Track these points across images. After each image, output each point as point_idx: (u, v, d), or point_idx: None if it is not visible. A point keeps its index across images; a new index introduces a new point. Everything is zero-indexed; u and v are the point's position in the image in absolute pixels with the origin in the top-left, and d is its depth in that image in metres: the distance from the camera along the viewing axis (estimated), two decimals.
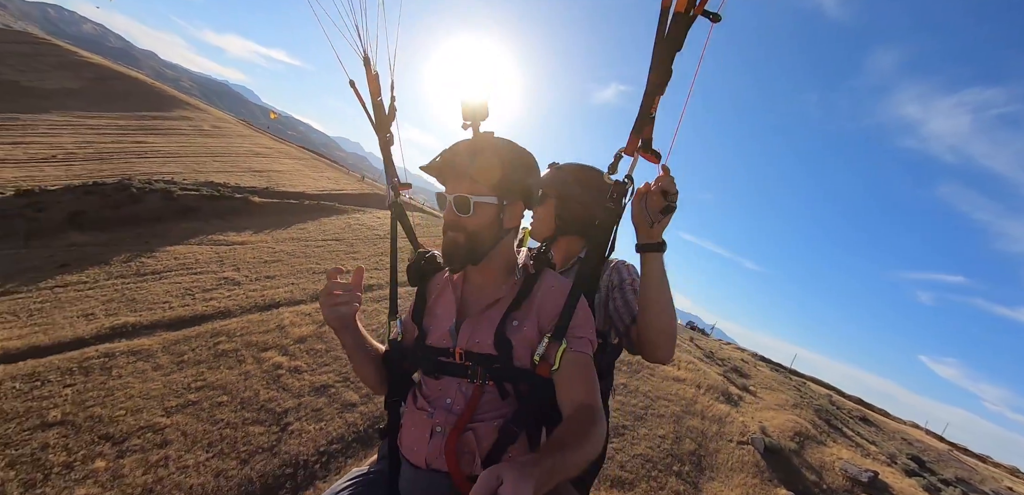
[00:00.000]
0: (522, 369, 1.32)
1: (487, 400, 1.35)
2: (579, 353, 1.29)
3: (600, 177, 1.99)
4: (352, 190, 23.22)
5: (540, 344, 1.31)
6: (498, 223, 1.41)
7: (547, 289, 1.42)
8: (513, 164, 1.38)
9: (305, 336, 8.20)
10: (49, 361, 6.59)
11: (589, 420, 1.09)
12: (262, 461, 5.38)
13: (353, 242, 14.46)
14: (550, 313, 1.36)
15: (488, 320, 1.40)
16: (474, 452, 1.30)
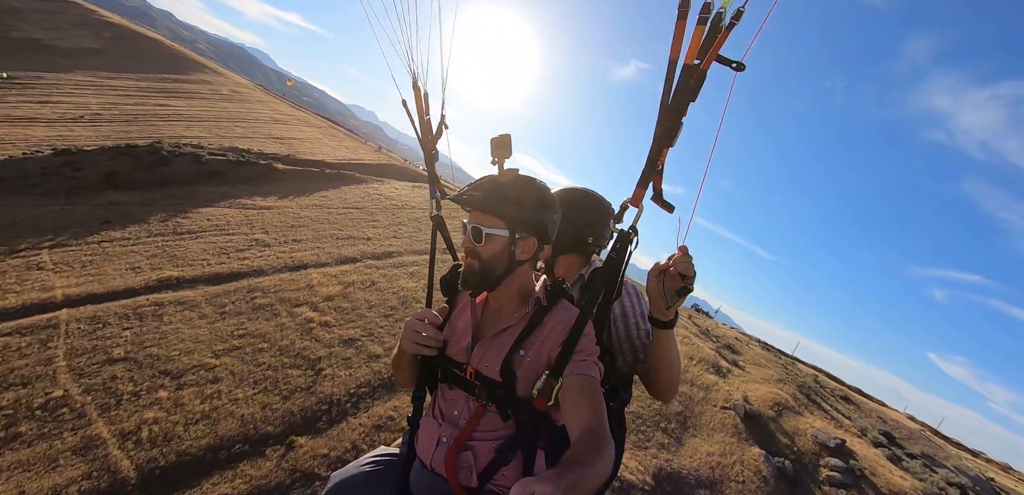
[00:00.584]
0: (523, 398, 1.38)
1: (488, 420, 1.42)
2: (585, 377, 1.31)
3: (586, 196, 2.05)
4: (370, 160, 23.76)
5: (539, 380, 1.35)
6: (509, 254, 1.46)
7: (556, 322, 1.46)
8: (527, 200, 1.43)
9: (332, 295, 8.86)
10: (106, 307, 7.31)
11: (599, 441, 1.11)
12: (301, 398, 6.07)
13: (373, 211, 15.06)
14: (555, 346, 1.40)
15: (498, 346, 1.46)
16: (471, 467, 1.38)
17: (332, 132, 30.98)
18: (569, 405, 1.26)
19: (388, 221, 14.36)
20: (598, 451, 1.06)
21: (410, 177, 23.70)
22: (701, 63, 1.31)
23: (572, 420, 1.23)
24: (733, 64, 1.30)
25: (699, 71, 1.30)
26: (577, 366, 1.33)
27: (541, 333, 1.44)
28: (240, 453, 5.13)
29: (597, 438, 1.12)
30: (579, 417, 1.21)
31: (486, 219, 1.44)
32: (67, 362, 6.01)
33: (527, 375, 1.39)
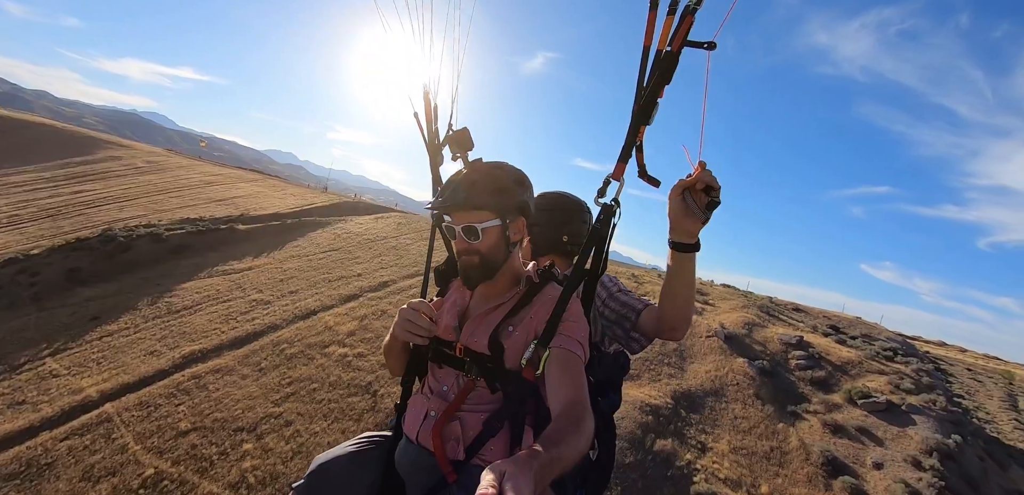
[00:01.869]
0: (511, 371, 1.39)
1: (477, 394, 1.43)
2: (567, 352, 1.32)
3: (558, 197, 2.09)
4: (322, 203, 23.70)
5: (528, 349, 1.37)
6: (505, 240, 1.48)
7: (545, 299, 1.48)
8: (506, 184, 1.46)
9: (353, 330, 9.48)
10: (148, 391, 7.55)
11: (578, 416, 1.11)
12: (371, 417, 6.81)
13: (350, 249, 15.48)
14: (541, 321, 1.42)
15: (487, 322, 1.48)
16: (458, 438, 1.38)
17: (271, 183, 30.29)
18: (551, 379, 1.27)
19: (369, 256, 14.88)
20: (575, 428, 1.05)
21: (367, 210, 23.97)
22: (672, 48, 1.37)
23: (554, 394, 1.23)
24: (704, 45, 1.36)
25: (670, 56, 1.36)
26: (561, 339, 1.34)
27: (530, 310, 1.45)
28: None
29: (576, 413, 1.11)
30: (559, 391, 1.21)
31: (475, 215, 1.45)
32: (141, 445, 6.36)
33: (515, 348, 1.39)
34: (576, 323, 1.40)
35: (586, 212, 2.12)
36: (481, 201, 1.42)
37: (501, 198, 1.44)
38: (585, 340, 1.38)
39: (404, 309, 1.45)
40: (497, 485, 0.75)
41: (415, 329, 1.41)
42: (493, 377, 1.39)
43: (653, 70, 1.40)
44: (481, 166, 1.51)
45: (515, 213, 1.49)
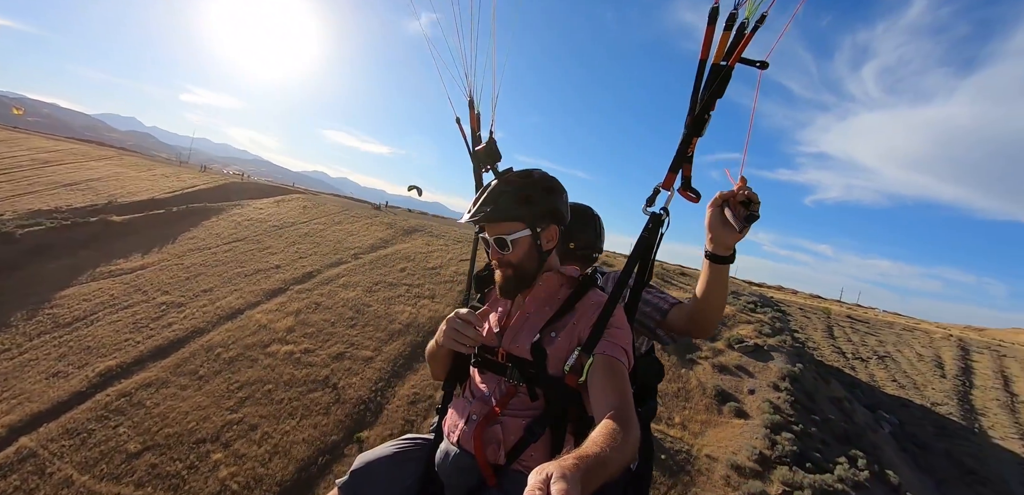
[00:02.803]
0: (554, 377, 1.34)
1: (519, 400, 1.38)
2: (612, 359, 1.27)
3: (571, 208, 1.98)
4: (205, 185, 21.32)
5: (571, 356, 1.32)
6: (536, 249, 1.46)
7: (588, 305, 1.43)
8: (534, 192, 1.45)
9: (291, 327, 9.42)
10: (69, 418, 6.94)
11: (623, 424, 1.06)
12: (337, 409, 7.18)
13: (257, 238, 14.59)
14: (585, 328, 1.37)
15: (530, 328, 1.44)
16: (499, 442, 1.35)
17: (130, 161, 26.18)
18: (595, 386, 1.23)
19: (282, 245, 14.22)
20: (621, 436, 1.03)
21: (261, 192, 22.20)
22: (727, 63, 1.39)
23: (597, 401, 1.19)
24: (756, 63, 1.37)
25: (725, 71, 1.38)
26: (606, 346, 1.31)
27: (572, 317, 1.42)
28: (325, 462, 6.27)
29: (621, 420, 1.08)
30: (604, 398, 1.18)
31: (505, 227, 1.45)
32: (89, 474, 6.04)
33: (557, 354, 1.37)
34: (620, 330, 1.37)
35: (596, 221, 2.09)
36: (509, 212, 1.42)
37: (529, 208, 1.43)
38: (629, 347, 1.36)
39: (451, 318, 1.44)
40: (545, 488, 0.75)
41: (462, 339, 1.40)
42: (535, 383, 1.36)
43: (708, 83, 1.42)
44: (510, 176, 1.51)
45: (545, 221, 1.46)
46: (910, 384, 14.82)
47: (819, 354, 15.52)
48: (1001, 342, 21.64)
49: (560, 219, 1.50)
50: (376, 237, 15.53)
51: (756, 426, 7.64)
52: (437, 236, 16.12)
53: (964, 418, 12.60)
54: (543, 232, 1.45)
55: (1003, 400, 14.30)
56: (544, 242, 1.46)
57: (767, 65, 1.37)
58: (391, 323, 9.87)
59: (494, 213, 1.41)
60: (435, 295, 11.40)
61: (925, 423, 11.80)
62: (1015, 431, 12.22)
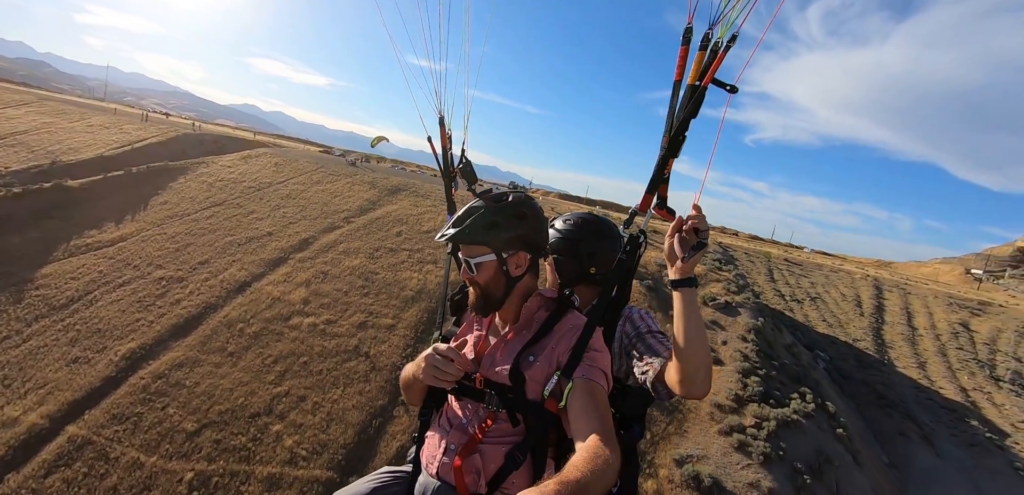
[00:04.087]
0: (533, 402, 1.32)
1: (499, 426, 1.36)
2: (592, 383, 1.27)
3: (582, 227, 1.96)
4: (156, 138, 19.85)
5: (550, 381, 1.31)
6: (503, 274, 1.43)
7: (565, 328, 1.42)
8: (502, 218, 1.41)
9: (306, 299, 9.76)
10: (111, 403, 7.16)
11: (603, 449, 1.07)
12: (376, 376, 7.85)
13: (237, 202, 14.24)
14: (564, 351, 1.35)
15: (507, 353, 1.41)
16: (480, 471, 1.32)
17: (55, 107, 23.56)
18: (574, 410, 1.23)
19: (266, 209, 14.01)
20: (600, 461, 1.03)
21: (218, 147, 20.98)
22: (701, 83, 1.41)
23: (577, 426, 1.19)
24: (727, 87, 1.41)
25: (699, 90, 1.41)
26: (585, 370, 1.29)
27: (551, 340, 1.39)
28: (379, 425, 7.03)
29: (601, 444, 1.08)
30: (584, 422, 1.18)
31: (473, 250, 1.42)
32: (157, 455, 6.45)
33: (536, 379, 1.33)
34: (600, 353, 1.37)
35: (615, 235, 1.96)
36: (475, 237, 1.41)
37: (495, 233, 1.41)
38: (608, 370, 1.36)
39: (430, 356, 1.40)
40: None
41: (443, 377, 1.37)
42: (514, 408, 1.35)
43: (683, 103, 1.44)
44: (485, 199, 1.48)
45: (513, 247, 1.43)
46: (836, 323, 17.45)
47: (764, 299, 17.72)
48: (907, 280, 25.41)
49: (531, 246, 1.46)
50: (362, 198, 15.57)
51: (730, 371, 9.15)
52: (423, 195, 16.39)
53: (877, 352, 15.23)
54: (510, 257, 1.43)
55: (906, 334, 17.25)
56: (511, 267, 1.43)
57: (736, 89, 1.42)
58: (402, 290, 10.42)
59: (460, 235, 1.42)
60: (437, 260, 11.96)
61: (849, 357, 14.22)
62: (914, 361, 14.99)
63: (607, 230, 1.91)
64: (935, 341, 17.13)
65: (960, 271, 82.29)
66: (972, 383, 13.94)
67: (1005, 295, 45.97)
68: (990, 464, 9.67)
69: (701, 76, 1.40)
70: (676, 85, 1.45)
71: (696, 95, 1.40)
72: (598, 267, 1.85)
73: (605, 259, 1.85)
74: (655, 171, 1.49)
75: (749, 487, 6.76)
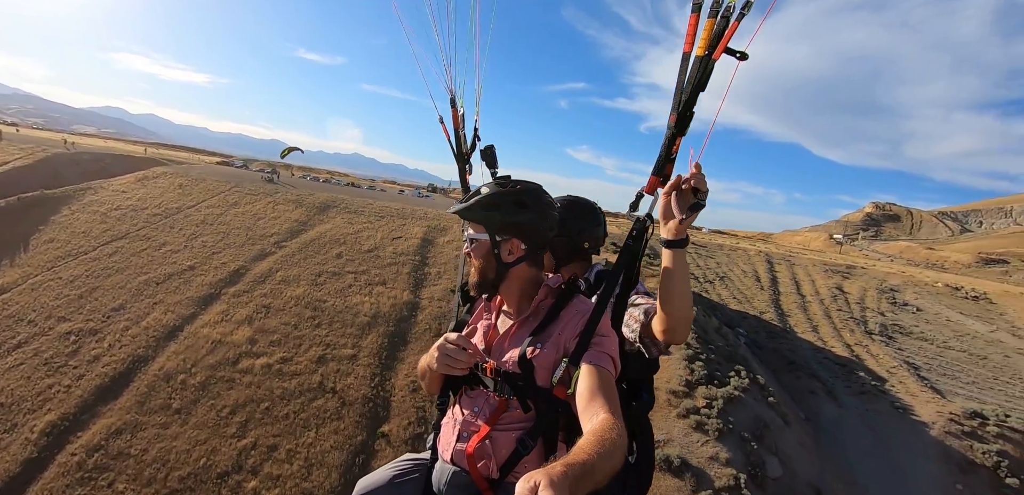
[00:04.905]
0: (542, 389, 1.34)
1: (510, 413, 1.37)
2: (599, 368, 1.26)
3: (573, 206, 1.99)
4: (23, 161, 16.79)
5: (558, 367, 1.31)
6: (494, 257, 1.43)
7: (572, 314, 1.41)
8: (501, 204, 1.42)
9: (250, 336, 9.09)
10: (41, 489, 6.19)
11: (610, 431, 1.05)
12: (349, 412, 7.63)
13: (143, 234, 12.66)
14: (571, 337, 1.35)
15: (515, 341, 1.42)
16: (491, 456, 1.34)
17: None
18: (582, 395, 1.21)
19: (179, 240, 12.63)
20: (608, 443, 1.03)
21: (100, 169, 18.35)
22: (712, 54, 1.34)
23: (585, 409, 1.18)
24: (737, 54, 1.33)
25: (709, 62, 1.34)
26: (592, 356, 1.29)
27: (557, 326, 1.39)
28: (363, 461, 6.89)
29: (608, 427, 1.08)
30: (592, 406, 1.17)
31: (473, 227, 1.45)
32: None
33: (545, 366, 1.33)
34: (606, 337, 1.36)
35: (600, 214, 2.05)
36: (474, 215, 1.44)
37: (491, 215, 1.43)
38: (616, 354, 1.35)
39: (442, 345, 1.44)
40: None
41: (455, 366, 1.42)
42: (524, 396, 1.36)
43: (691, 76, 1.38)
44: (497, 182, 1.52)
45: (507, 233, 1.44)
46: (744, 299, 19.77)
47: None
48: (789, 251, 29.25)
49: (527, 236, 1.46)
50: (290, 219, 14.61)
51: (678, 360, 10.11)
52: (356, 212, 15.76)
53: (780, 321, 17.58)
54: (503, 242, 1.44)
55: (798, 302, 20.06)
56: (503, 252, 1.44)
57: (747, 56, 1.36)
58: (356, 316, 10.07)
59: (463, 211, 1.45)
60: (387, 280, 11.67)
61: (759, 330, 16.28)
62: (808, 325, 17.54)
63: (590, 206, 2.02)
64: (820, 305, 20.09)
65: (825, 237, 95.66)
66: (853, 339, 16.65)
67: (863, 257, 54.46)
68: (877, 407, 11.74)
69: (710, 46, 1.33)
70: (684, 57, 1.40)
71: (706, 67, 1.35)
72: (590, 242, 1.94)
73: (595, 235, 1.96)
74: (662, 151, 1.44)
75: (710, 460, 7.63)
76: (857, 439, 10.78)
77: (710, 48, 1.31)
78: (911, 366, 14.74)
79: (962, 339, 19.83)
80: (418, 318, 10.53)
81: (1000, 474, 9.87)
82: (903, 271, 36.68)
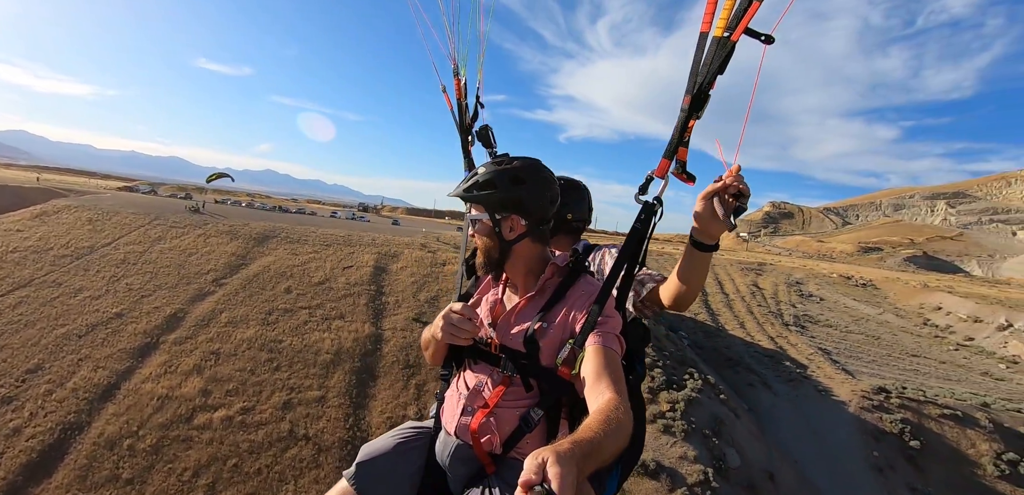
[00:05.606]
0: (546, 368, 1.36)
1: (513, 390, 1.39)
2: (606, 348, 1.28)
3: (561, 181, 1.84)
4: None
5: (564, 347, 1.33)
6: (496, 236, 1.44)
7: (579, 293, 1.43)
8: (498, 181, 1.44)
9: (202, 387, 8.41)
10: None
11: (614, 410, 1.08)
12: (326, 457, 7.33)
13: (50, 277, 11.16)
14: (577, 318, 1.36)
15: (521, 319, 1.45)
16: (494, 432, 1.37)
17: None
18: (589, 374, 1.24)
19: (98, 284, 11.31)
20: (616, 422, 1.05)
21: None
22: (731, 35, 1.28)
23: (591, 388, 1.21)
24: (762, 37, 1.28)
25: (729, 43, 1.29)
26: (598, 336, 1.30)
27: (564, 306, 1.41)
28: None
29: (615, 406, 1.10)
30: (598, 385, 1.19)
31: (474, 208, 1.49)
32: None
33: (550, 345, 1.36)
34: (611, 318, 1.38)
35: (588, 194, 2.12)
36: (474, 195, 1.46)
37: (489, 193, 1.44)
38: (620, 334, 1.37)
39: (447, 313, 1.46)
40: (540, 472, 0.78)
41: (459, 334, 1.42)
42: (528, 374, 1.38)
43: (709, 58, 1.32)
44: (495, 160, 1.53)
45: (506, 210, 1.45)
46: None
47: None
48: None
49: (527, 211, 1.46)
50: (226, 253, 13.56)
51: None
52: (299, 241, 14.99)
53: (712, 321, 19.18)
54: (503, 220, 1.45)
55: (723, 301, 21.99)
56: (504, 231, 1.46)
57: (772, 39, 1.29)
58: (317, 355, 9.62)
59: (464, 193, 1.48)
60: (344, 314, 11.25)
61: (697, 331, 17.65)
62: (736, 322, 19.30)
63: (574, 183, 2.08)
64: (743, 303, 22.15)
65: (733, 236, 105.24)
66: (774, 331, 18.57)
67: (767, 253, 60.36)
68: (804, 392, 13.25)
69: (730, 28, 1.28)
70: (702, 37, 1.33)
71: (727, 48, 1.29)
72: (573, 214, 1.98)
73: (579, 208, 2.02)
74: (674, 132, 1.39)
75: (680, 459, 8.23)
76: (791, 422, 12.12)
77: (730, 29, 1.27)
78: (824, 352, 16.77)
79: (859, 323, 22.85)
80: (384, 351, 10.26)
81: (905, 438, 11.58)
82: (805, 265, 41.36)
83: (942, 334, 22.95)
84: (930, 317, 25.10)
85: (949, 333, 23.26)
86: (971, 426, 12.20)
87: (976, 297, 26.86)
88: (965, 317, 24.34)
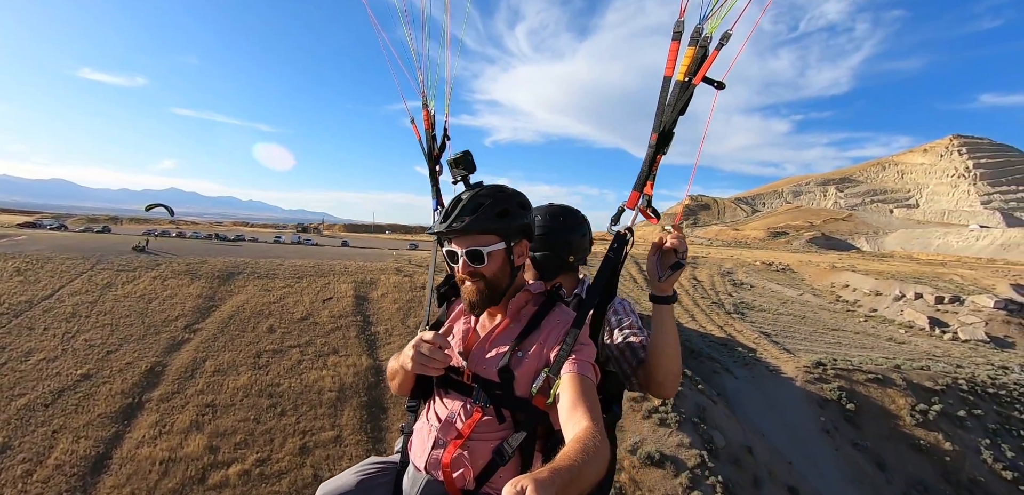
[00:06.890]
0: (521, 399, 1.32)
1: (486, 422, 1.34)
2: (582, 376, 1.27)
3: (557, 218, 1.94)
4: None
5: (538, 377, 1.31)
6: (509, 263, 1.41)
7: (554, 323, 1.41)
8: (511, 207, 1.42)
9: (208, 444, 8.08)
10: None
11: (592, 439, 1.06)
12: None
13: (12, 341, 10.02)
14: (552, 347, 1.34)
15: (495, 349, 1.41)
16: (467, 466, 1.31)
17: None
18: (566, 403, 1.22)
19: (50, 344, 10.28)
20: (593, 451, 1.03)
21: None
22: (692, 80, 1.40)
23: (567, 418, 1.19)
24: (715, 83, 1.40)
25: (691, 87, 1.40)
26: (574, 364, 1.28)
27: (539, 335, 1.39)
28: None
29: (592, 435, 1.08)
30: (574, 414, 1.18)
31: (480, 239, 1.39)
32: None
33: (525, 375, 1.33)
34: (586, 346, 1.36)
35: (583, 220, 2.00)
36: (487, 225, 1.38)
37: (506, 222, 1.39)
38: (595, 363, 1.36)
39: (418, 343, 1.37)
40: None
41: (429, 365, 1.35)
42: (502, 405, 1.33)
43: (672, 99, 1.43)
44: (483, 188, 1.46)
45: (519, 236, 1.43)
46: (632, 299, 22.79)
47: None
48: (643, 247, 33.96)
49: (530, 236, 1.49)
50: (190, 295, 12.75)
51: None
52: (268, 275, 14.39)
53: None
54: (515, 246, 1.43)
55: None
56: (516, 257, 1.44)
57: (724, 85, 1.41)
58: (321, 394, 9.48)
59: (473, 224, 1.38)
60: (338, 349, 11.09)
61: None
62: (687, 315, 21.05)
63: (576, 217, 1.97)
64: (688, 296, 24.12)
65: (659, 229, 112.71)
66: (722, 320, 20.49)
67: (693, 245, 64.88)
68: (758, 372, 14.91)
69: (690, 72, 1.40)
70: (665, 81, 1.45)
71: (687, 92, 1.41)
72: (574, 256, 1.91)
73: (580, 246, 1.92)
74: (644, 166, 1.48)
75: (678, 447, 9.15)
76: (753, 401, 13.65)
77: (690, 75, 1.39)
78: (765, 334, 18.85)
79: (786, 305, 25.73)
80: (388, 383, 10.30)
81: (843, 402, 13.49)
82: (732, 255, 45.27)
83: (852, 309, 26.49)
84: (841, 294, 28.84)
85: (857, 307, 26.91)
86: (890, 386, 14.46)
87: (875, 273, 31.22)
88: (868, 291, 28.26)
